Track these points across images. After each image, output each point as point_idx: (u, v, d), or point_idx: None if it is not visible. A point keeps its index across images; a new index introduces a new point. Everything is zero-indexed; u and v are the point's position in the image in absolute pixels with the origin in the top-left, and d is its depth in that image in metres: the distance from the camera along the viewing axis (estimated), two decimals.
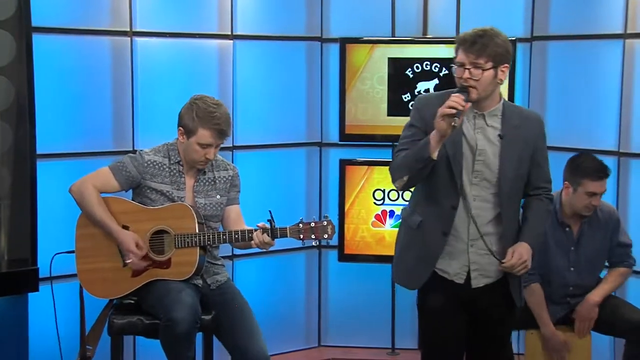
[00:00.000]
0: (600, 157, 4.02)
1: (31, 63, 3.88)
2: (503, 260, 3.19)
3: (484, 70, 3.09)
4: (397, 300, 5.05)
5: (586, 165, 3.89)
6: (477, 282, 3.24)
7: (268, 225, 3.45)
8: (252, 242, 3.48)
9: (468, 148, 3.17)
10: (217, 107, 3.50)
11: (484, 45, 3.08)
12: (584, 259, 4.01)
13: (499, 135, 3.18)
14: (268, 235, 3.45)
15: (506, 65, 3.16)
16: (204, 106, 3.49)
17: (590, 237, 4.01)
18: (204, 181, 3.63)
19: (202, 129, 3.49)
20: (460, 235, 3.20)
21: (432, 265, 3.22)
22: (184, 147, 3.56)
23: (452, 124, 2.99)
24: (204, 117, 3.48)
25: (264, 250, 3.54)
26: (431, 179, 3.15)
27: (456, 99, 3.02)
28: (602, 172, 3.88)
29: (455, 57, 3.14)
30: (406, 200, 4.79)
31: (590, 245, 4.01)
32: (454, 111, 2.99)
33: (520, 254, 3.18)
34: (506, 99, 3.33)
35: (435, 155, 3.05)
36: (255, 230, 3.47)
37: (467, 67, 3.09)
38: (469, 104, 3.07)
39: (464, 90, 3.08)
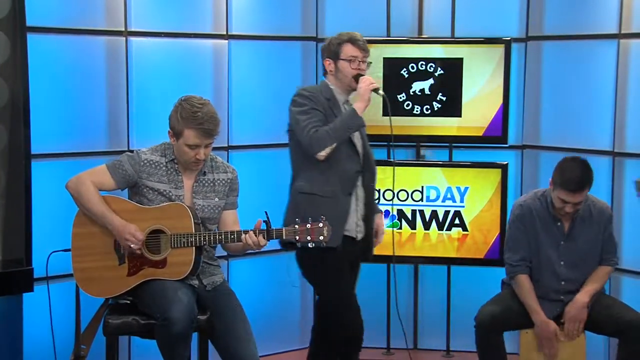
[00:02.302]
0: (595, 157, 4.02)
1: (26, 63, 3.87)
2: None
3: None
4: (392, 300, 5.05)
5: (565, 172, 3.88)
6: (361, 235, 3.90)
7: (264, 226, 3.46)
8: (244, 239, 3.47)
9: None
10: (201, 107, 3.49)
11: (366, 44, 3.82)
12: (575, 254, 4.02)
13: None
14: (264, 237, 3.46)
15: None
16: (188, 107, 3.49)
17: (581, 232, 4.02)
18: (204, 182, 3.63)
19: (187, 130, 3.48)
20: (353, 197, 3.83)
21: (344, 223, 3.78)
22: (176, 149, 3.56)
23: (379, 93, 3.80)
24: (188, 117, 3.47)
25: (257, 250, 3.54)
26: (334, 154, 3.71)
27: (370, 78, 3.79)
28: (574, 186, 3.86)
29: (351, 55, 3.77)
30: (402, 200, 4.80)
31: (581, 240, 4.02)
32: (377, 85, 3.77)
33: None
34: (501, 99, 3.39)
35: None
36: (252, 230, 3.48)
37: (360, 60, 3.79)
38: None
39: (360, 75, 3.78)
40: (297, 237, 3.50)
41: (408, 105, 4.82)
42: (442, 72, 4.77)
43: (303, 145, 3.72)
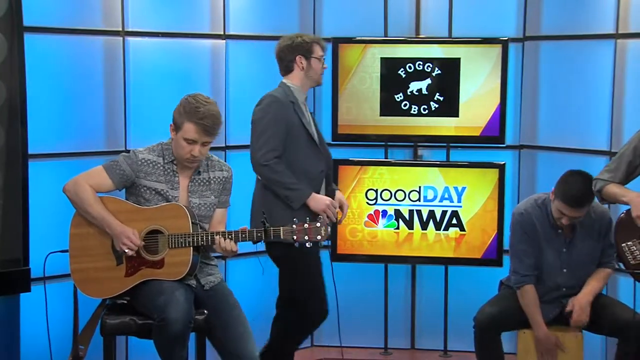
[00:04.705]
0: (592, 156, 4.01)
1: (23, 63, 3.86)
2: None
3: None
4: (390, 300, 5.06)
5: (568, 186, 3.86)
6: None
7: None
8: (215, 246, 3.49)
9: (312, 126, 4.05)
10: (205, 104, 3.51)
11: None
12: (577, 261, 4.02)
13: (311, 113, 4.15)
14: (262, 238, 3.47)
15: None
16: (193, 102, 3.51)
17: (582, 239, 4.02)
18: (199, 181, 3.63)
19: (187, 123, 3.49)
20: None
21: None
22: (174, 143, 3.56)
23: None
24: (190, 111, 3.49)
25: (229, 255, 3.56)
26: (297, 154, 3.92)
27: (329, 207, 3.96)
28: (575, 202, 3.84)
29: (321, 55, 4.05)
30: (399, 200, 4.80)
31: (582, 247, 4.02)
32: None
33: None
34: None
35: None
36: (249, 229, 3.50)
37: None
38: None
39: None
40: (295, 237, 3.50)
41: (405, 105, 4.82)
42: (439, 72, 4.78)
43: (255, 155, 3.86)
